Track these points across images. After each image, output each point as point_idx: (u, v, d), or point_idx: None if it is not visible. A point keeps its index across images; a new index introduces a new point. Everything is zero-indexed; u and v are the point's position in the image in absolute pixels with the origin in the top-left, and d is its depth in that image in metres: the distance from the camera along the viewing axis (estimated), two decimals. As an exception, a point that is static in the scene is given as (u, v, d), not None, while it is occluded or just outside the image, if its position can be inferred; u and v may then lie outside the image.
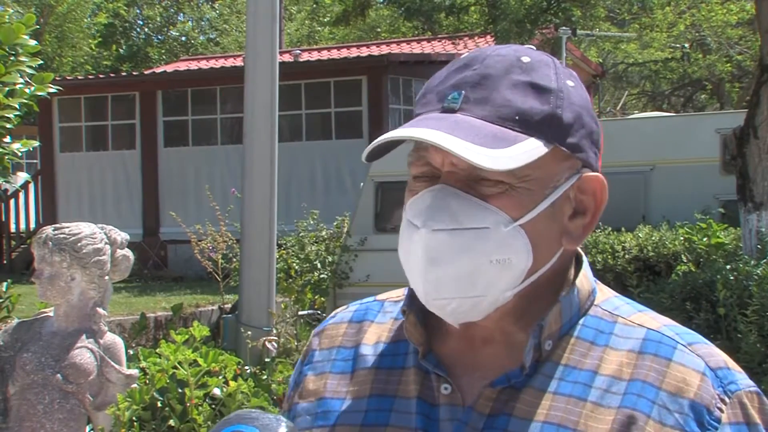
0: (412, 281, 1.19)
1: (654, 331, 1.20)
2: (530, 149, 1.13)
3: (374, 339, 1.31)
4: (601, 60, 25.53)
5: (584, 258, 1.27)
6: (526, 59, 1.19)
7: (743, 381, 1.18)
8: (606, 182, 1.23)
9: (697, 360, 1.17)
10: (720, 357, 1.19)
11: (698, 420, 1.12)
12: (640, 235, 9.13)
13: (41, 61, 4.37)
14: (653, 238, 8.94)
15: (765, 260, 7.12)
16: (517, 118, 1.14)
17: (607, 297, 1.26)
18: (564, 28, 17.61)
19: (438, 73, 1.23)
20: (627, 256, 8.83)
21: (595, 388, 1.16)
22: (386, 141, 1.15)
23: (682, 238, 8.52)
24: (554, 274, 1.21)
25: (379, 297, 1.38)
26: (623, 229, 9.46)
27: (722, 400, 1.14)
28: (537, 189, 1.16)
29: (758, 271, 6.68)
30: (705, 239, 8.08)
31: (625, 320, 1.22)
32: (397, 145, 1.17)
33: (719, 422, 1.13)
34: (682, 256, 8.22)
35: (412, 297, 1.24)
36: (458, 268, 1.14)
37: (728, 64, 23.55)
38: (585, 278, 1.25)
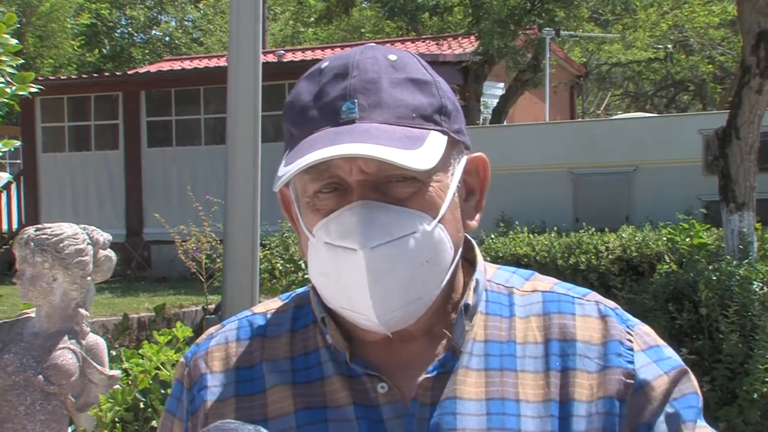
0: (353, 304, 1.14)
1: (549, 293, 1.27)
2: (437, 143, 1.13)
3: (276, 354, 1.26)
4: (584, 60, 25.59)
5: (469, 237, 1.29)
6: (393, 57, 1.19)
7: (635, 319, 1.27)
8: (488, 159, 1.26)
9: (595, 307, 1.25)
10: (610, 301, 1.27)
11: (616, 353, 1.20)
12: (623, 235, 9.17)
13: (22, 61, 4.33)
14: (636, 238, 8.97)
15: (747, 260, 7.16)
16: (414, 115, 1.14)
17: (494, 271, 1.30)
18: (547, 28, 17.61)
19: (301, 88, 1.19)
20: (610, 257, 8.86)
21: (520, 357, 1.20)
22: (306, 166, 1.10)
23: (665, 239, 8.56)
24: (459, 258, 1.24)
25: (256, 310, 1.32)
26: (607, 229, 9.50)
27: (628, 333, 1.23)
28: (443, 180, 1.17)
29: (740, 272, 6.72)
30: (688, 239, 8.12)
31: (519, 291, 1.27)
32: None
33: (632, 351, 1.21)
34: (665, 256, 8.25)
35: (324, 305, 1.22)
36: (399, 278, 1.12)
37: (711, 65, 23.66)
38: (479, 256, 1.28)
